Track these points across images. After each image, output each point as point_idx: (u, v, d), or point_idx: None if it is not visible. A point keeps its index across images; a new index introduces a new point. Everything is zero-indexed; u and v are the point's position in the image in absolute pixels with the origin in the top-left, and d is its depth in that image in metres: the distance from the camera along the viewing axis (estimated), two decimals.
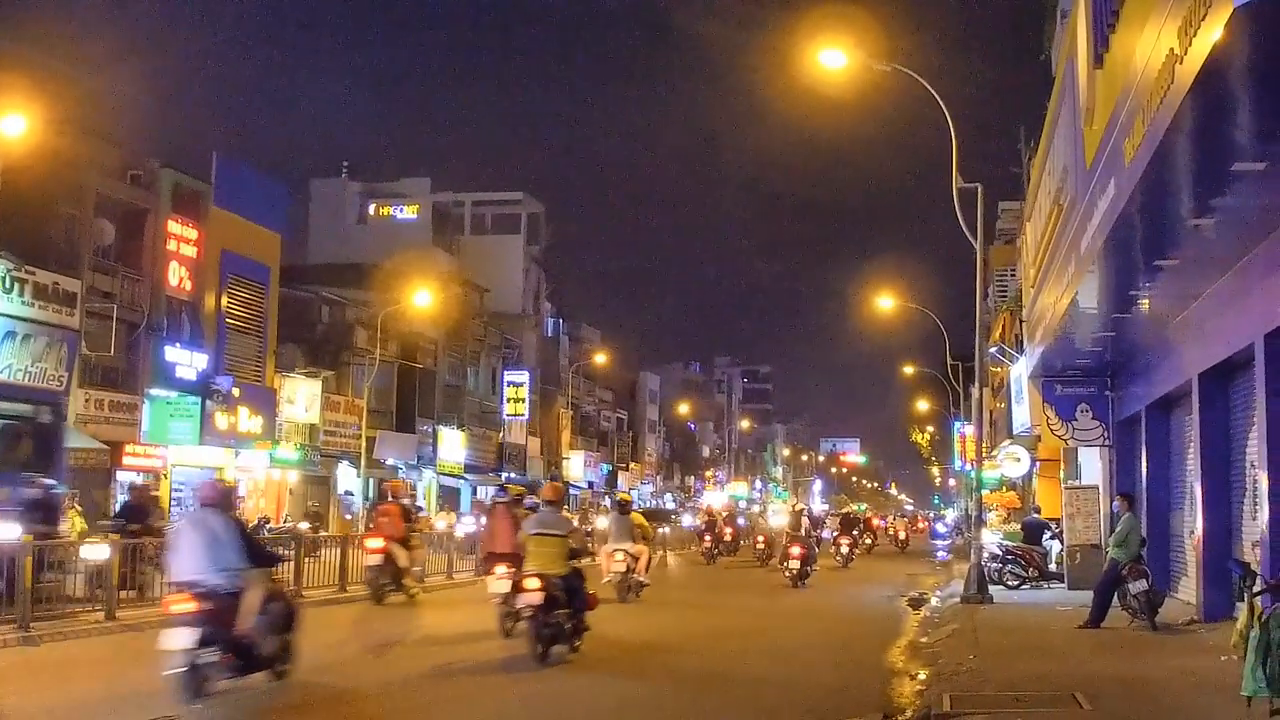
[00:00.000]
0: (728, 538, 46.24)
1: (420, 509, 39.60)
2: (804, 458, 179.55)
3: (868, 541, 53.13)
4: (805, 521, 33.62)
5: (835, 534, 43.46)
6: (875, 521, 71.16)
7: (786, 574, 30.99)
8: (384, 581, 22.99)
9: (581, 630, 15.81)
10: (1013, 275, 46.19)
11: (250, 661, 12.20)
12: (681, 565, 41.51)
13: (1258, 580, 9.86)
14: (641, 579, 25.00)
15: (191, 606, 11.75)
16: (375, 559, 23.08)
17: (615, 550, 24.73)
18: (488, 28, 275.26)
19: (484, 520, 25.58)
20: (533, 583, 15.25)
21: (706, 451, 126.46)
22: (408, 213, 72.77)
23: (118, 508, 29.07)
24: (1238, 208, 11.99)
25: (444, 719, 12.49)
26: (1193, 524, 19.49)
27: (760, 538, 42.80)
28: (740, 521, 55.36)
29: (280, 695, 12.50)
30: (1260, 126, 9.62)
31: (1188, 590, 20.23)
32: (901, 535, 66.86)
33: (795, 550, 30.95)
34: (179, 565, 12.44)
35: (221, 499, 13.11)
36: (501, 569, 18.35)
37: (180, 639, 11.60)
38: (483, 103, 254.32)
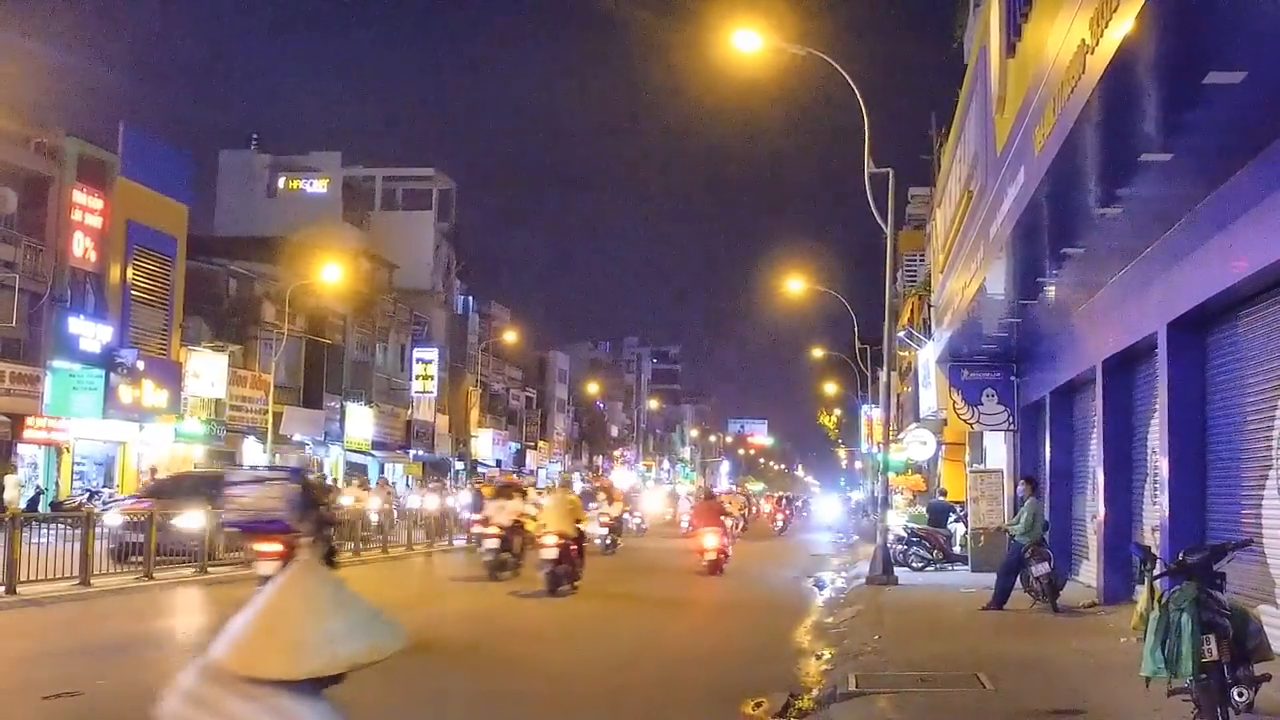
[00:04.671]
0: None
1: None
2: (712, 438, 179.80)
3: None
4: (784, 501, 65.80)
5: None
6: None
7: (775, 528, 55.94)
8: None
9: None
10: (922, 260, 46.58)
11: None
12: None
13: (1158, 564, 9.98)
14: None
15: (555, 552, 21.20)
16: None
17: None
18: (403, 3, 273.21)
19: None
20: (730, 519, 34.51)
21: (615, 431, 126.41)
22: (318, 186, 71.76)
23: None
24: (1144, 198, 12.17)
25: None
26: (1094, 508, 19.81)
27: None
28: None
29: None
30: (1168, 118, 9.75)
31: (1089, 573, 20.55)
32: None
33: (779, 517, 59.94)
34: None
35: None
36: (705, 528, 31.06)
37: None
38: (396, 78, 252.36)
